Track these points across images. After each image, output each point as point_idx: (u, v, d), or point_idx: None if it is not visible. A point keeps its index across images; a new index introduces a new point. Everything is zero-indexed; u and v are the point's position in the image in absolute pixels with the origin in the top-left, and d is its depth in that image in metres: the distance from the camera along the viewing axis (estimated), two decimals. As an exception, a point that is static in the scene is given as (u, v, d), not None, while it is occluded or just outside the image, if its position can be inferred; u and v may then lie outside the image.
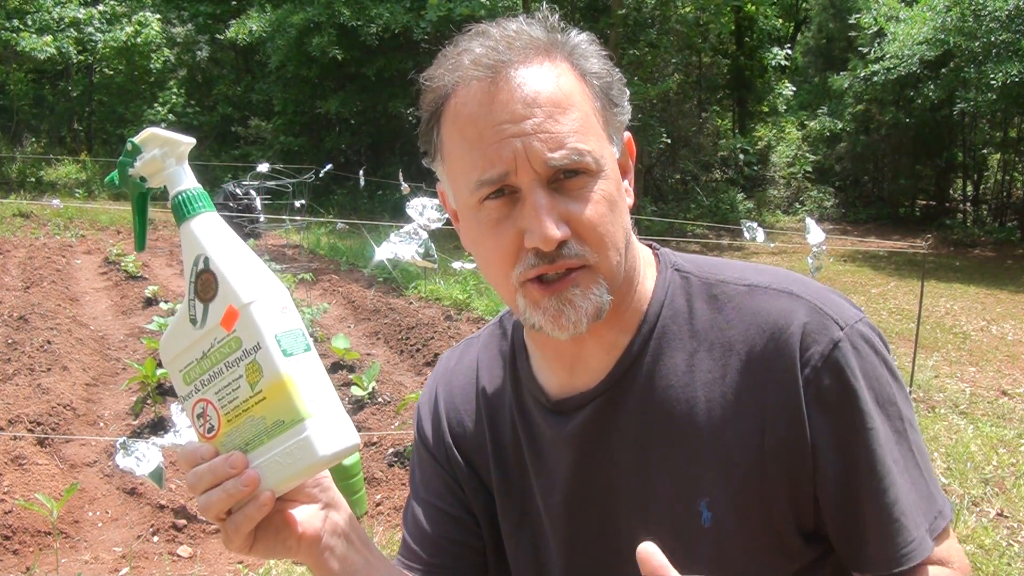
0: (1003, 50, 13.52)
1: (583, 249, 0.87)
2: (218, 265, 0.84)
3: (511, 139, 0.85)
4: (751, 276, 0.97)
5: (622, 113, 0.94)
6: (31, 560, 3.58)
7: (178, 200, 0.87)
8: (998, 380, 6.89)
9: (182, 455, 0.88)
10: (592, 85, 0.91)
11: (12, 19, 20.36)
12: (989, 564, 3.65)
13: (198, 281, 0.85)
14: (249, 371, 0.82)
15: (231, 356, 0.83)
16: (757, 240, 7.37)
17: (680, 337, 0.96)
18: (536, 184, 0.86)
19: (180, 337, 0.87)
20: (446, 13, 15.98)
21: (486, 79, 0.86)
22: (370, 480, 4.44)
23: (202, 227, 0.86)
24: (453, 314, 8.50)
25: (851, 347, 0.89)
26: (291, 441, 0.81)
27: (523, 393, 1.06)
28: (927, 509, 0.90)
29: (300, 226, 14.57)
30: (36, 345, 6.44)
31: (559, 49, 0.90)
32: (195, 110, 24.00)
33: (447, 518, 1.10)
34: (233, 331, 0.83)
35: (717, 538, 0.91)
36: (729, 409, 0.91)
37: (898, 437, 0.90)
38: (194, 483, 0.85)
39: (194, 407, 0.87)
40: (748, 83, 21.19)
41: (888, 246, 14.09)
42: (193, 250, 0.86)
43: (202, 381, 0.86)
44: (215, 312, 0.84)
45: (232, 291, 0.83)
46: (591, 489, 0.99)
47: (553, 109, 0.85)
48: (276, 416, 0.82)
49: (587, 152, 0.86)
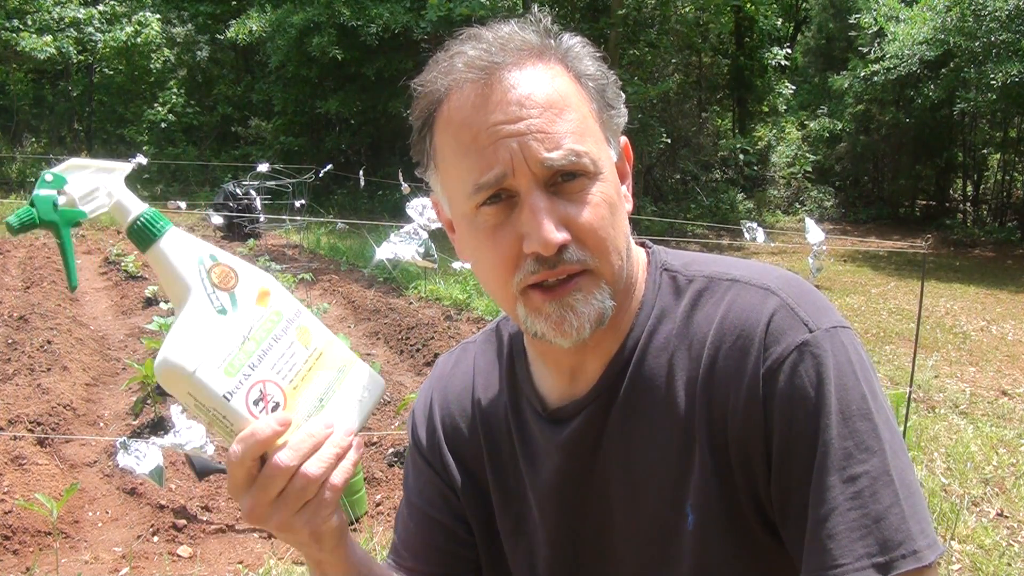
0: (1003, 50, 13.51)
1: (584, 254, 0.86)
2: (224, 257, 0.87)
3: (507, 139, 0.83)
4: (736, 271, 0.95)
5: (618, 116, 0.93)
6: (31, 560, 3.58)
7: (140, 224, 0.85)
8: (998, 380, 6.89)
9: (246, 441, 0.80)
10: (587, 87, 0.90)
11: (12, 19, 20.36)
12: (989, 564, 3.64)
13: (211, 275, 0.85)
14: (300, 335, 0.88)
15: (276, 328, 0.87)
16: (757, 240, 7.39)
17: (666, 337, 0.95)
18: (534, 186, 0.84)
19: (206, 334, 0.83)
20: (446, 13, 15.98)
21: (479, 81, 0.85)
22: (370, 480, 4.44)
23: (179, 238, 0.86)
24: (453, 314, 8.50)
25: (813, 353, 0.84)
26: (361, 380, 0.92)
27: (520, 401, 1.04)
28: (882, 540, 0.79)
29: (300, 226, 14.56)
30: (36, 345, 6.45)
31: (552, 52, 0.89)
32: (195, 110, 23.99)
33: (438, 527, 1.09)
34: (270, 306, 0.87)
35: (700, 540, 0.90)
36: (703, 407, 0.90)
37: (860, 456, 0.81)
38: (292, 458, 0.80)
39: (247, 395, 0.83)
40: (748, 83, 21.19)
41: (888, 246, 14.09)
42: (190, 254, 0.86)
43: (251, 365, 0.84)
44: (245, 296, 0.86)
45: (255, 274, 0.88)
46: (584, 497, 0.99)
47: (549, 109, 0.84)
48: (339, 364, 0.91)
49: (584, 153, 0.85)
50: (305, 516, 0.83)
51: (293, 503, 0.82)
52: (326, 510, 0.84)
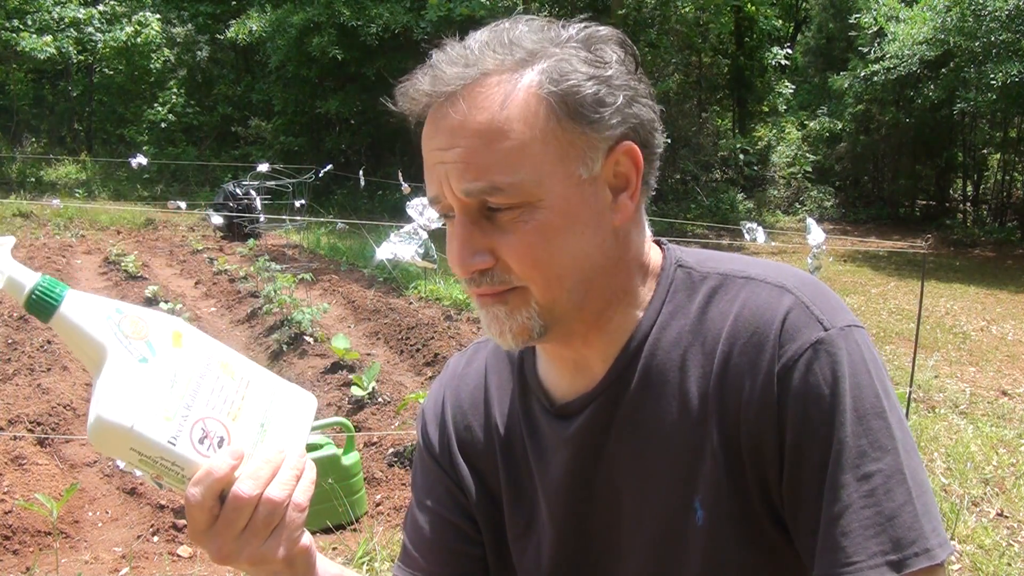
0: (1003, 50, 13.52)
1: (508, 276, 0.88)
2: (128, 308, 0.85)
3: (439, 166, 0.87)
4: (752, 269, 0.95)
5: (606, 127, 0.88)
6: (31, 560, 3.58)
7: (36, 297, 0.82)
8: (998, 380, 6.89)
9: (204, 480, 0.80)
10: (559, 103, 0.85)
11: (12, 19, 20.36)
12: (989, 564, 3.65)
13: (122, 327, 0.84)
14: (224, 368, 0.88)
15: (199, 366, 0.86)
16: (757, 240, 7.38)
17: (678, 332, 0.95)
18: (461, 212, 0.87)
19: (133, 386, 0.81)
20: (446, 13, 15.98)
21: (435, 104, 0.87)
22: (370, 480, 4.44)
23: (79, 300, 0.84)
24: (453, 314, 8.50)
25: (828, 352, 0.85)
26: (293, 399, 0.92)
27: (529, 398, 1.05)
28: (895, 538, 0.81)
29: (300, 226, 14.56)
30: (36, 345, 6.45)
31: (528, 63, 0.86)
32: (195, 110, 24.00)
33: (448, 526, 1.09)
34: (185, 347, 0.86)
35: (710, 536, 0.91)
36: (715, 403, 0.90)
37: (874, 455, 0.83)
38: (254, 487, 0.81)
39: (191, 436, 0.83)
40: (748, 83, 21.19)
41: (888, 246, 14.09)
42: (95, 314, 0.83)
43: (186, 405, 0.83)
44: (160, 341, 0.85)
45: (162, 319, 0.87)
46: (592, 491, 0.99)
47: (477, 141, 0.84)
48: (268, 389, 0.90)
49: (508, 185, 0.84)
50: (276, 541, 0.83)
51: (261, 532, 0.82)
52: (296, 532, 0.84)
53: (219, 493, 0.81)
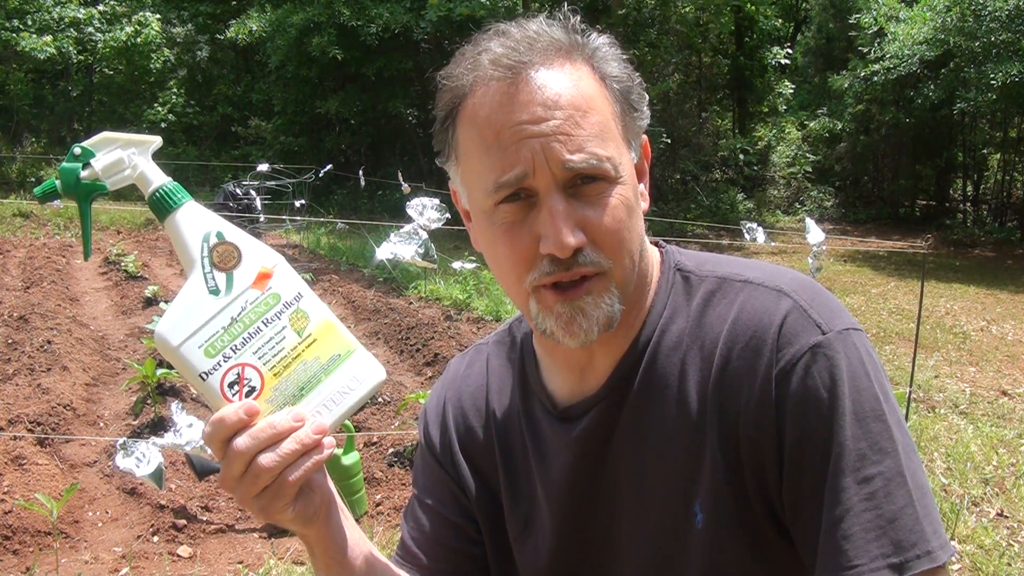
0: (1003, 50, 13.52)
1: (598, 256, 0.87)
2: (233, 236, 0.88)
3: (530, 140, 0.84)
4: (749, 272, 0.96)
5: (641, 118, 0.94)
6: (31, 560, 3.58)
7: (159, 195, 0.88)
8: (998, 380, 6.89)
9: (215, 424, 0.83)
10: (612, 89, 0.90)
11: (12, 19, 20.36)
12: (989, 564, 3.64)
13: (213, 254, 0.87)
14: (294, 320, 0.88)
15: (269, 312, 0.87)
16: (757, 240, 7.38)
17: (678, 336, 0.95)
18: (554, 188, 0.85)
19: (195, 313, 0.86)
20: (446, 13, 15.96)
21: (505, 80, 0.86)
22: (370, 480, 4.44)
23: (194, 212, 0.89)
24: (453, 314, 8.50)
25: (826, 355, 0.85)
26: (354, 369, 0.89)
27: (531, 401, 1.05)
28: (897, 541, 0.80)
29: (300, 226, 14.56)
30: (36, 345, 6.44)
31: (579, 52, 0.89)
32: (195, 110, 24.01)
33: (448, 525, 1.10)
34: (268, 289, 0.88)
35: (710, 539, 0.91)
36: (714, 407, 0.90)
37: (874, 457, 0.82)
38: (249, 446, 0.82)
39: (223, 378, 0.86)
40: (748, 83, 21.20)
41: (888, 246, 14.09)
42: (198, 229, 0.88)
43: (234, 347, 0.86)
44: (242, 277, 0.87)
45: (259, 254, 0.88)
46: (593, 494, 0.99)
47: (573, 112, 0.85)
48: (331, 352, 0.88)
49: (606, 158, 0.86)
50: (260, 503, 0.84)
51: (249, 487, 0.83)
52: (280, 501, 0.84)
53: (226, 439, 0.83)
